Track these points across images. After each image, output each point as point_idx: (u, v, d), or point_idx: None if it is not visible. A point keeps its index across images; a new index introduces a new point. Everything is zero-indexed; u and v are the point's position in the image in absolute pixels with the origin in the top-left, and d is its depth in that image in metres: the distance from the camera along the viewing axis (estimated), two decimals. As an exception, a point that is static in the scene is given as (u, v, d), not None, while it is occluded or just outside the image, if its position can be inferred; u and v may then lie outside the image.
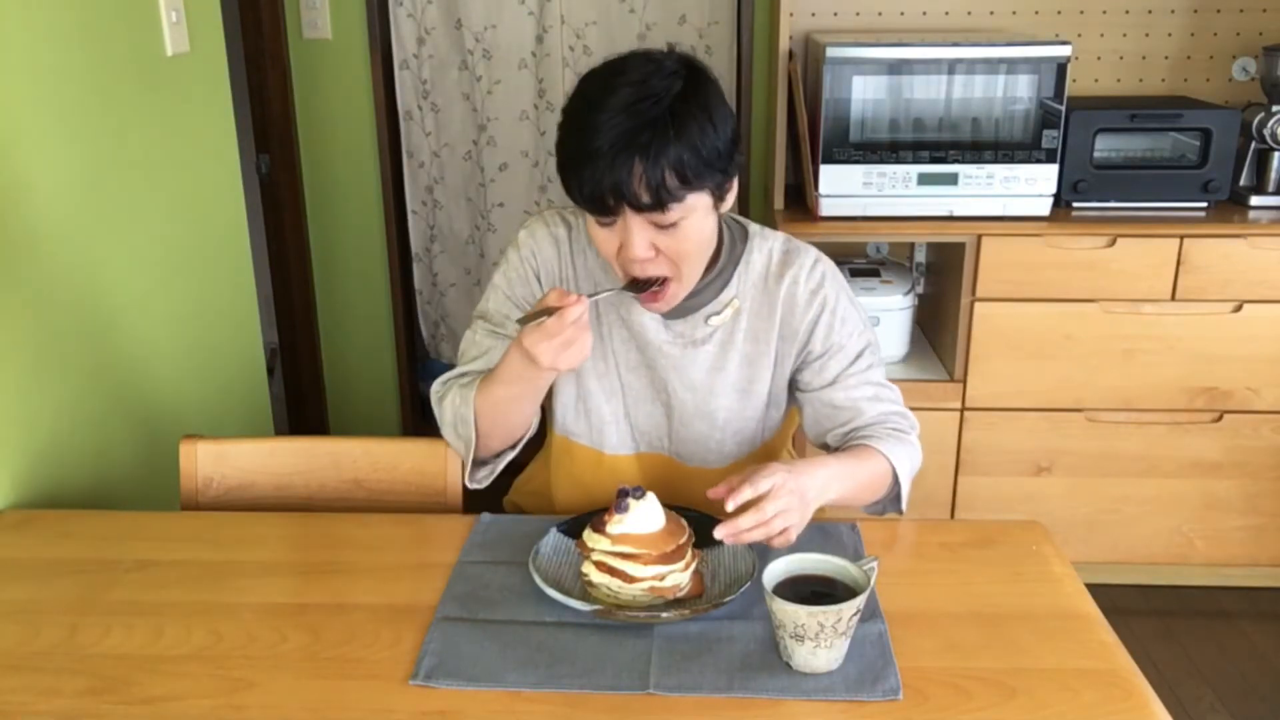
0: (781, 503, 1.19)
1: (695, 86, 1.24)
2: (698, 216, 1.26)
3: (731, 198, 1.32)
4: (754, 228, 1.45)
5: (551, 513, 1.60)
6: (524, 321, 1.23)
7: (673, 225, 1.25)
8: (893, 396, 1.45)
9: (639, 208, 1.22)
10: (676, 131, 1.20)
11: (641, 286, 1.31)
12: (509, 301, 1.45)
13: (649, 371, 1.44)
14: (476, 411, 1.37)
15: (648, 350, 1.43)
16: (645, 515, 1.20)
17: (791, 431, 1.60)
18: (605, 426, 1.47)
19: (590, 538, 1.22)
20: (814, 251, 1.44)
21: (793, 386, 1.47)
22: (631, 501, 1.20)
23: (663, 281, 1.32)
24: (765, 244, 1.43)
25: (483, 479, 1.45)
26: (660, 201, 1.21)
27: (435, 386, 1.46)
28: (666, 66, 1.24)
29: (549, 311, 1.20)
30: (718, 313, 1.41)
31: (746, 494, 1.18)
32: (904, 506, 1.43)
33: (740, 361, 1.43)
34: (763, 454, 1.50)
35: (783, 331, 1.42)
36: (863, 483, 1.36)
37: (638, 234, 1.25)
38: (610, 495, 1.50)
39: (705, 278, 1.39)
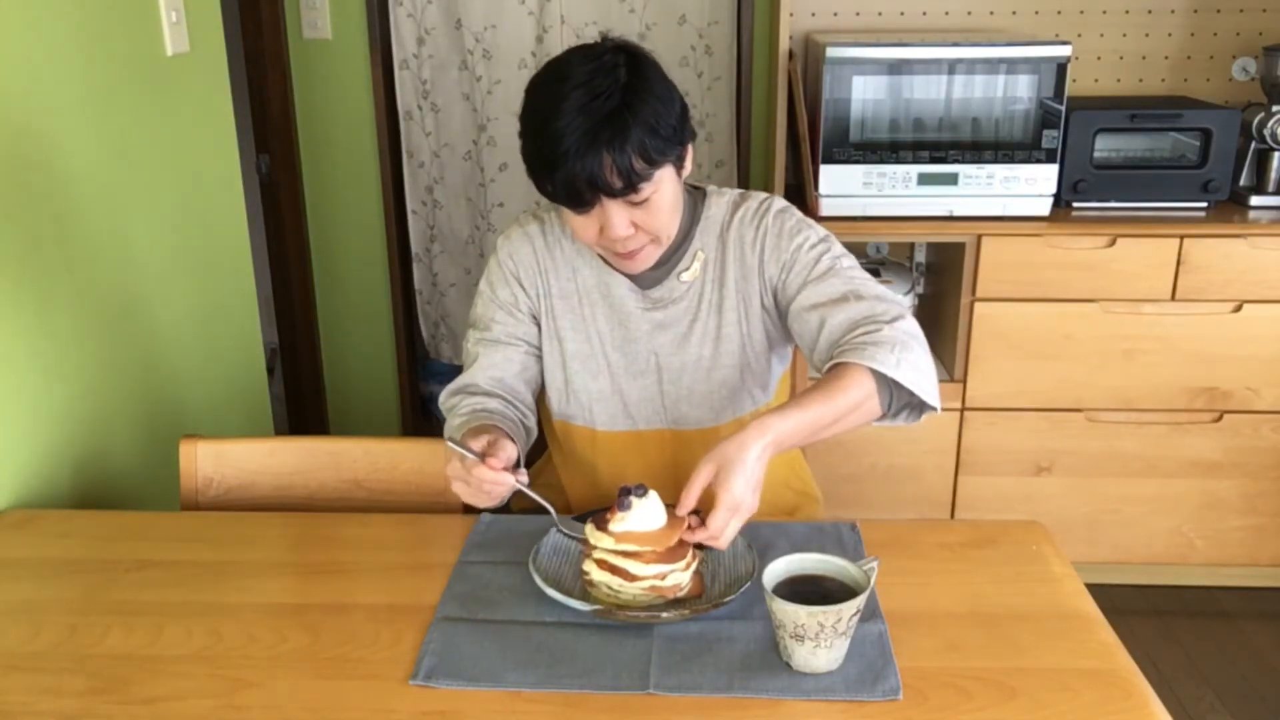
0: (721, 516, 1.18)
1: (638, 72, 1.31)
2: (666, 187, 1.35)
3: (689, 162, 1.40)
4: (711, 188, 1.52)
5: (563, 500, 1.63)
6: (454, 441, 1.27)
7: (645, 201, 1.33)
8: (867, 291, 1.38)
9: (613, 194, 1.30)
10: (633, 118, 1.27)
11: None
12: (493, 304, 1.52)
13: (633, 345, 1.50)
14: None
15: (630, 322, 1.49)
16: (648, 512, 1.20)
17: (783, 385, 1.61)
18: (593, 404, 1.52)
19: (594, 535, 1.22)
20: (765, 194, 1.51)
21: (784, 322, 1.47)
22: (634, 500, 1.20)
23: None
24: (721, 199, 1.51)
25: None
26: (632, 184, 1.29)
27: (442, 397, 1.51)
28: (606, 60, 1.31)
29: (480, 454, 1.24)
30: (688, 268, 1.48)
31: (690, 503, 1.20)
32: (934, 402, 1.31)
33: (710, 309, 1.48)
34: (760, 414, 1.50)
35: (741, 271, 1.47)
36: (835, 410, 1.26)
37: (615, 216, 1.33)
38: (611, 472, 1.53)
39: (671, 243, 1.46)
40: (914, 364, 1.29)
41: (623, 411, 1.52)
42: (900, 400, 1.33)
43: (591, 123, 1.26)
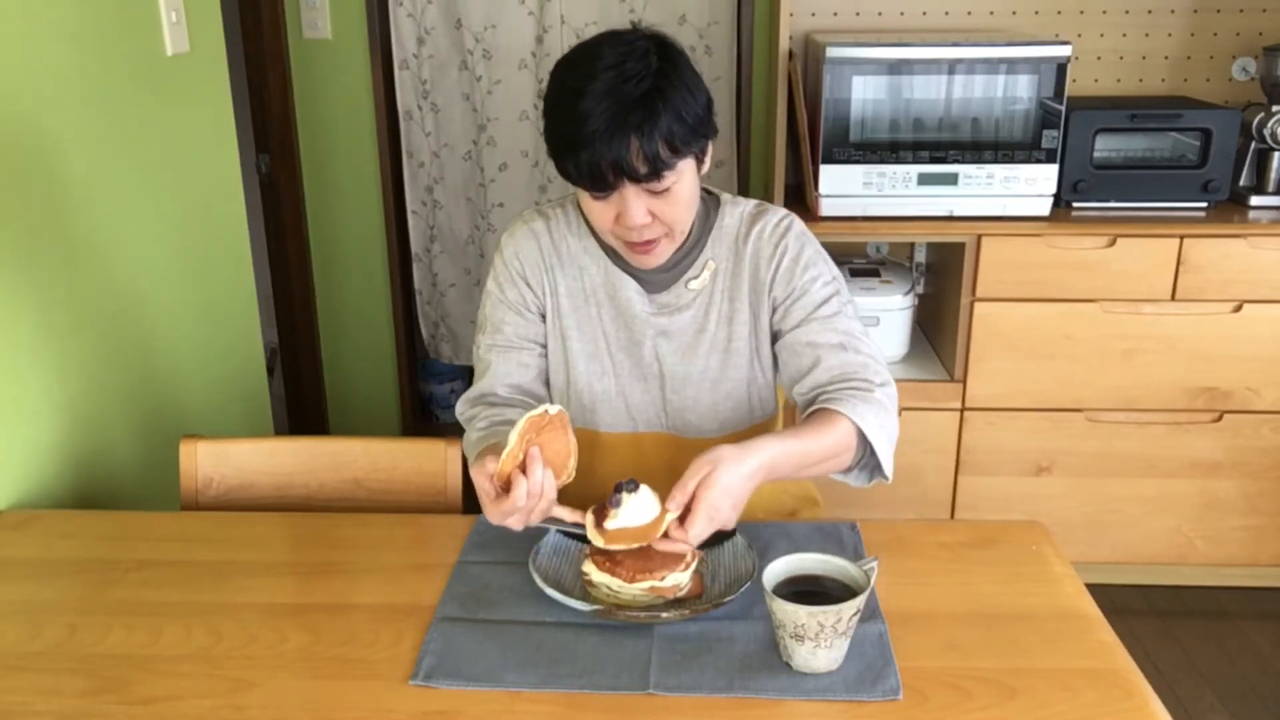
0: (699, 525, 1.17)
1: (669, 60, 1.32)
2: (686, 179, 1.34)
3: (709, 159, 1.39)
4: (725, 196, 1.51)
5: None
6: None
7: (666, 191, 1.32)
8: (864, 348, 1.41)
9: (637, 179, 1.29)
10: (663, 104, 1.27)
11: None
12: (502, 305, 1.50)
13: (637, 348, 1.49)
14: None
15: (634, 324, 1.48)
16: (638, 508, 1.19)
17: (784, 401, 1.60)
18: (597, 405, 1.50)
19: (592, 535, 1.20)
20: (784, 210, 1.49)
21: (772, 345, 1.49)
22: (624, 496, 1.19)
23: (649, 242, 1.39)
24: (736, 208, 1.49)
25: None
26: (656, 171, 1.28)
27: (460, 408, 1.50)
28: (638, 46, 1.31)
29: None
30: (696, 276, 1.47)
31: (682, 500, 1.18)
32: (888, 471, 1.36)
33: (719, 320, 1.47)
34: (761, 427, 1.52)
35: (753, 284, 1.47)
36: (822, 450, 1.30)
37: (634, 203, 1.32)
38: (609, 473, 1.49)
39: (682, 247, 1.45)
40: (890, 434, 1.35)
41: (625, 413, 1.51)
42: (865, 460, 1.37)
43: (621, 105, 1.25)
